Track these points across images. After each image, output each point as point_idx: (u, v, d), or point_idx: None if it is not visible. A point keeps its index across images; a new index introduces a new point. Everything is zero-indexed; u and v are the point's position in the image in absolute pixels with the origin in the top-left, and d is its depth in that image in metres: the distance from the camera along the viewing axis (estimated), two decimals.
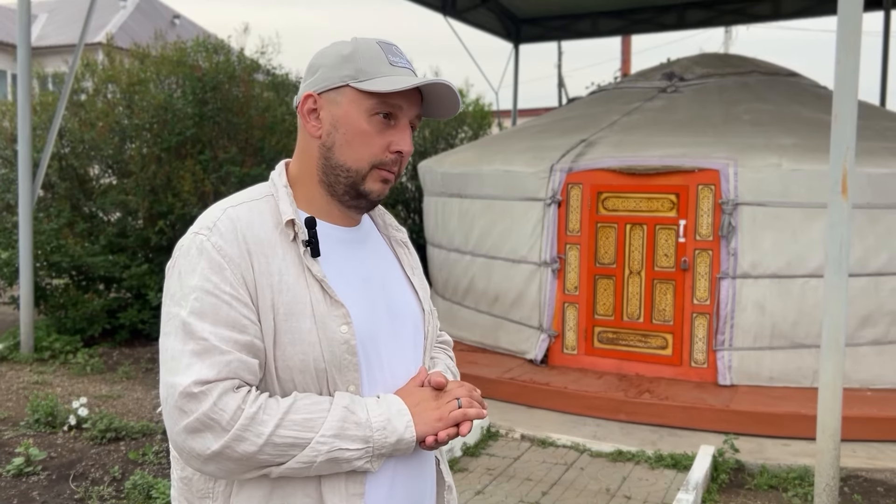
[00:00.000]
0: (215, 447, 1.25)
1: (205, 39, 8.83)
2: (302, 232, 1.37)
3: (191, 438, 1.26)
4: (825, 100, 6.59)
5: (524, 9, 11.56)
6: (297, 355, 1.33)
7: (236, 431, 1.24)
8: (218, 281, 1.30)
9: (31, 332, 7.17)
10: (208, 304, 1.29)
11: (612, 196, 6.23)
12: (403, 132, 1.42)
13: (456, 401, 1.41)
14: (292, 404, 1.29)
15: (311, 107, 1.41)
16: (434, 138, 11.69)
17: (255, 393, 1.29)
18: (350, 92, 1.39)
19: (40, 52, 18.97)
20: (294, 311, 1.33)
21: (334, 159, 1.41)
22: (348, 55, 1.40)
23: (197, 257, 1.33)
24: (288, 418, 1.27)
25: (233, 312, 1.29)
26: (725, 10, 10.81)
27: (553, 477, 4.63)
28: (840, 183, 3.88)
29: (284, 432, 1.26)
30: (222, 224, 1.36)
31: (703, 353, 5.94)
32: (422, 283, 1.60)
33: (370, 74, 1.38)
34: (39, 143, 7.58)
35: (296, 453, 1.27)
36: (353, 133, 1.39)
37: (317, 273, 1.36)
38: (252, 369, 1.30)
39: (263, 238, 1.36)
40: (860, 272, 5.59)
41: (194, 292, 1.30)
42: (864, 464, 4.77)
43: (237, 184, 7.63)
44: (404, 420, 1.34)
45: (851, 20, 3.86)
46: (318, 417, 1.29)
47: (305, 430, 1.28)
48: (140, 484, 4.13)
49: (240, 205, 1.41)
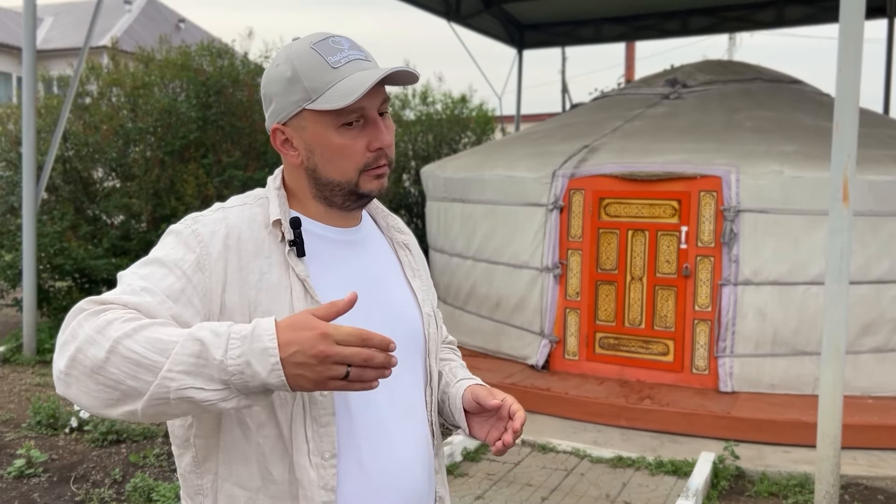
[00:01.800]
0: (69, 355, 1.15)
1: (209, 43, 8.87)
2: (287, 231, 1.38)
3: (57, 354, 1.18)
4: (828, 107, 6.59)
5: (528, 15, 11.58)
6: None
7: (88, 334, 1.14)
8: (178, 258, 1.30)
9: (33, 335, 7.19)
10: (157, 273, 1.28)
11: (614, 202, 6.24)
12: (375, 127, 1.39)
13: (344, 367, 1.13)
14: (153, 323, 1.16)
15: (282, 138, 1.41)
16: (437, 143, 11.71)
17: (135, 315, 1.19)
18: (308, 115, 1.37)
19: (45, 55, 19.04)
20: (272, 310, 1.33)
21: (322, 178, 1.41)
22: (291, 77, 1.37)
23: (172, 239, 1.35)
24: (141, 333, 1.13)
25: (177, 284, 1.27)
26: (729, 16, 10.81)
27: (553, 482, 4.63)
28: (841, 190, 3.88)
29: (132, 344, 1.12)
30: (207, 217, 1.39)
31: (705, 360, 5.94)
32: (423, 285, 1.58)
33: (319, 90, 1.34)
34: (44, 146, 7.61)
35: (149, 379, 1.12)
36: (329, 151, 1.38)
37: (300, 273, 1.36)
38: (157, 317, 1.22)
39: (249, 238, 1.37)
40: (861, 280, 5.59)
41: (150, 263, 1.30)
42: (864, 471, 4.76)
43: (240, 188, 7.65)
44: (269, 363, 1.12)
45: (853, 28, 3.87)
46: (170, 342, 1.13)
47: (155, 351, 1.12)
48: (141, 486, 4.14)
49: (232, 207, 1.43)
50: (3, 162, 8.40)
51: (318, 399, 1.34)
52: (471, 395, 1.53)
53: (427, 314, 1.55)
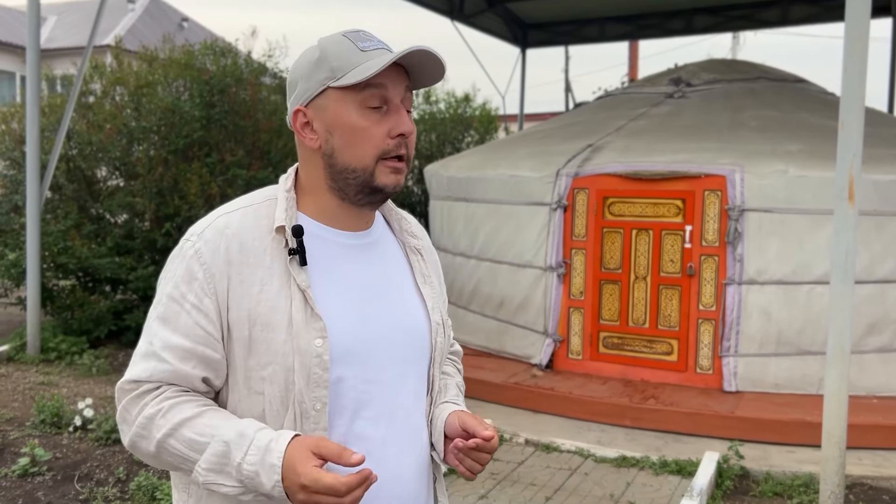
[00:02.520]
0: (127, 440, 1.35)
1: (212, 43, 8.86)
2: (290, 240, 1.36)
3: (119, 427, 1.37)
4: (832, 106, 6.57)
5: (531, 14, 11.56)
6: (269, 365, 1.32)
7: (136, 429, 1.32)
8: (185, 290, 1.35)
9: (37, 333, 7.20)
10: (171, 311, 1.35)
11: (618, 201, 6.23)
12: (398, 114, 1.37)
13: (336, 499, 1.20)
14: (189, 419, 1.30)
15: (302, 121, 1.40)
16: (440, 142, 11.71)
17: (169, 395, 1.33)
18: (332, 93, 1.36)
19: (49, 54, 19.05)
20: (271, 321, 1.32)
21: (338, 164, 1.38)
22: (318, 59, 1.37)
23: (178, 264, 1.38)
24: (180, 432, 1.29)
25: (189, 321, 1.33)
26: (733, 15, 10.79)
27: (557, 482, 4.63)
28: (846, 189, 3.87)
29: (174, 443, 1.30)
30: (209, 232, 1.37)
31: (709, 360, 5.92)
32: (433, 292, 1.53)
33: (344, 70, 1.34)
34: (47, 145, 7.61)
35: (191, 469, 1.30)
36: (349, 132, 1.36)
37: (301, 283, 1.34)
38: (188, 379, 1.34)
39: (251, 246, 1.36)
40: (866, 279, 5.57)
41: (164, 298, 1.37)
42: (869, 472, 4.75)
43: (244, 187, 7.65)
44: (272, 479, 1.22)
45: (858, 27, 3.86)
46: (203, 443, 1.28)
47: (192, 450, 1.29)
48: (144, 485, 4.14)
49: (234, 211, 1.40)
50: (7, 161, 8.40)
51: (311, 413, 1.33)
52: (458, 421, 1.49)
53: (436, 323, 1.51)
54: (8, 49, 21.77)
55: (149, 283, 7.54)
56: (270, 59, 9.19)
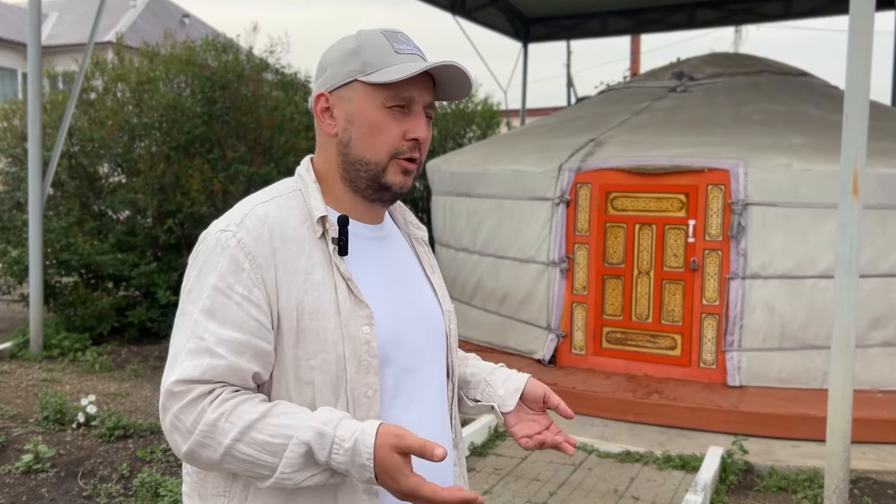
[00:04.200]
0: (184, 448, 1.28)
1: (214, 39, 8.85)
2: (333, 229, 1.37)
3: (170, 435, 1.30)
4: (836, 100, 6.54)
5: (533, 8, 11.54)
6: (318, 354, 1.32)
7: (197, 437, 1.26)
8: (233, 281, 1.31)
9: (40, 330, 7.20)
10: (219, 304, 1.30)
11: (621, 196, 6.21)
12: (418, 119, 1.40)
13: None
14: (258, 420, 1.25)
15: (323, 106, 1.42)
16: (442, 138, 11.68)
17: (226, 396, 1.27)
18: (359, 86, 1.38)
19: (50, 51, 19.04)
20: (319, 309, 1.33)
21: (353, 154, 1.40)
22: (353, 49, 1.39)
23: (219, 255, 1.33)
24: (250, 435, 1.24)
25: (241, 312, 1.30)
26: (735, 9, 10.76)
27: (561, 477, 4.62)
28: (851, 183, 3.85)
29: (245, 448, 1.24)
30: (250, 220, 1.35)
31: (712, 354, 5.91)
32: (440, 281, 1.60)
33: (376, 66, 1.37)
34: (49, 142, 7.61)
35: (267, 473, 1.25)
36: (368, 126, 1.38)
37: (344, 272, 1.36)
38: (242, 375, 1.30)
39: (291, 235, 1.36)
40: (871, 273, 5.56)
41: (208, 291, 1.31)
42: (874, 466, 4.74)
43: (246, 183, 7.65)
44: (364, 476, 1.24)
45: (863, 20, 3.83)
46: (278, 444, 1.24)
47: (266, 453, 1.24)
48: (148, 482, 4.14)
49: (269, 200, 1.40)
50: (9, 158, 8.41)
51: (363, 400, 1.35)
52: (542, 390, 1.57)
53: (447, 310, 1.57)
54: (9, 46, 21.77)
55: (151, 279, 7.54)
56: (272, 55, 9.19)
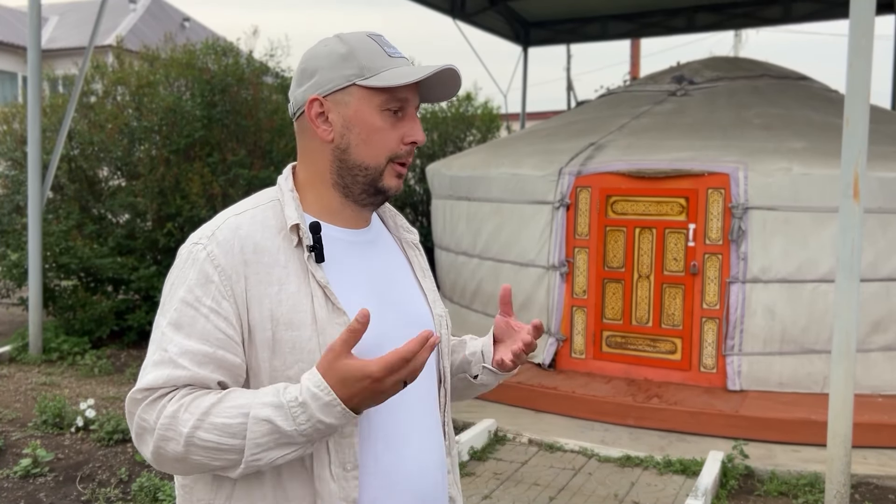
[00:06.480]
0: (152, 447, 1.27)
1: (214, 42, 8.85)
2: (306, 237, 1.35)
3: (137, 439, 1.29)
4: (836, 104, 6.55)
5: (533, 12, 11.54)
6: (296, 364, 1.31)
7: (160, 431, 1.25)
8: (200, 294, 1.31)
9: (39, 334, 7.19)
10: (186, 316, 1.30)
11: (621, 199, 6.21)
12: (413, 122, 1.42)
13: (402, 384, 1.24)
14: (213, 405, 1.24)
15: (318, 110, 1.39)
16: (442, 141, 11.68)
17: (185, 392, 1.27)
18: (357, 91, 1.38)
19: (50, 54, 19.05)
20: (294, 320, 1.32)
21: (351, 160, 1.40)
22: (346, 53, 1.38)
23: (189, 268, 1.33)
24: (208, 420, 1.23)
25: (208, 325, 1.29)
26: (735, 13, 10.76)
27: (561, 482, 4.61)
28: (852, 187, 3.84)
29: (205, 435, 1.23)
30: (221, 233, 1.35)
31: (713, 358, 5.90)
32: (432, 285, 1.58)
33: (374, 70, 1.37)
34: (49, 145, 7.61)
35: (234, 457, 1.24)
36: (367, 131, 1.38)
37: (320, 279, 1.34)
38: (205, 384, 1.29)
39: (265, 246, 1.35)
40: (871, 277, 5.55)
41: (176, 304, 1.31)
42: (875, 471, 4.73)
43: (245, 186, 7.64)
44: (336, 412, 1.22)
45: (863, 24, 3.83)
46: (237, 425, 1.22)
47: (228, 436, 1.22)
48: (147, 486, 4.13)
49: (243, 213, 1.40)
50: (9, 161, 8.40)
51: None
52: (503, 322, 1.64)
53: (438, 315, 1.54)
54: (9, 49, 21.78)
55: (151, 282, 7.53)
56: (272, 59, 9.18)
